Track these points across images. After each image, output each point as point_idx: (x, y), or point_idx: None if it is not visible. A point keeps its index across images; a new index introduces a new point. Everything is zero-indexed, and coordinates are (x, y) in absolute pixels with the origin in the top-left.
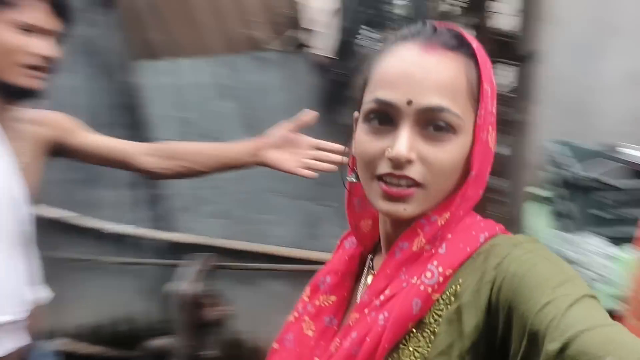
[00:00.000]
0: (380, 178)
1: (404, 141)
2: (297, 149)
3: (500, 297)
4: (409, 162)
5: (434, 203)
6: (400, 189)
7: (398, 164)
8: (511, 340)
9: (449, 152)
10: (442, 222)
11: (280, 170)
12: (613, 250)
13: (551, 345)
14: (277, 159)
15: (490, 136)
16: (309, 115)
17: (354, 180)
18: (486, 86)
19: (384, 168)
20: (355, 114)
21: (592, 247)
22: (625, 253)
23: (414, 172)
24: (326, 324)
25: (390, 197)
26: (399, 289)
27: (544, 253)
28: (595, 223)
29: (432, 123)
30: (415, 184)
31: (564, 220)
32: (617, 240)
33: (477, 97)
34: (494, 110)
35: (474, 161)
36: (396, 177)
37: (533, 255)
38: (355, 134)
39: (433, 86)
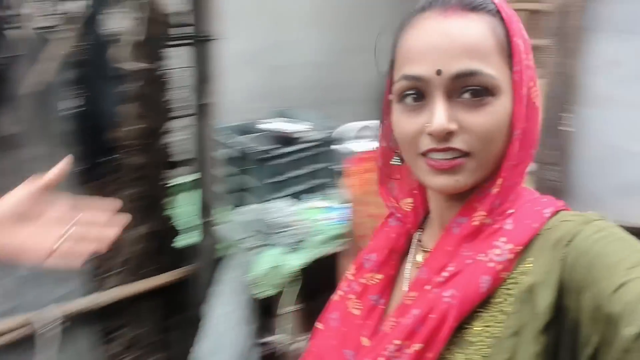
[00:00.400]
0: (424, 155)
1: (441, 113)
2: (50, 221)
3: (573, 277)
4: (451, 133)
5: (486, 172)
6: (448, 161)
7: (440, 137)
8: (582, 322)
9: (490, 116)
10: (497, 190)
11: (23, 261)
12: (304, 205)
13: (628, 330)
14: (16, 245)
15: (533, 92)
16: (64, 164)
17: (399, 163)
18: (517, 40)
19: (426, 144)
20: (390, 96)
21: (285, 208)
22: (315, 202)
23: (459, 142)
24: (373, 302)
25: (439, 171)
26: (464, 266)
27: (616, 232)
28: (274, 189)
29: (466, 89)
30: (462, 154)
31: (245, 194)
32: (296, 196)
33: (509, 54)
34: (532, 64)
35: (515, 120)
36: (441, 151)
37: (605, 234)
38: (392, 116)
39: (460, 51)
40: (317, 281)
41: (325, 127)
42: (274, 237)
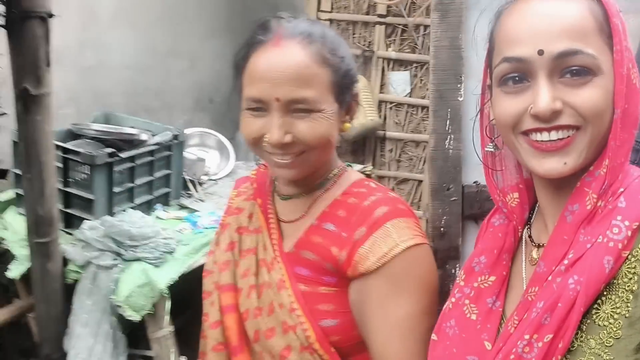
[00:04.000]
0: (526, 134)
1: (545, 93)
2: None
3: None
4: (556, 113)
5: (592, 154)
6: (555, 142)
7: (545, 118)
8: None
9: (593, 93)
10: (604, 171)
11: None
12: (160, 214)
13: None
14: None
15: (632, 73)
16: None
17: (492, 150)
18: (615, 20)
19: (529, 124)
20: (487, 81)
21: (138, 220)
22: (171, 212)
23: (566, 118)
24: (489, 305)
25: (545, 153)
26: (584, 250)
27: None
28: (122, 199)
29: (568, 69)
30: (570, 127)
31: (90, 205)
32: (148, 206)
33: (609, 34)
34: (630, 46)
35: (616, 99)
36: (547, 131)
37: None
38: (492, 101)
39: (560, 31)
40: (184, 297)
41: (163, 132)
42: (133, 253)
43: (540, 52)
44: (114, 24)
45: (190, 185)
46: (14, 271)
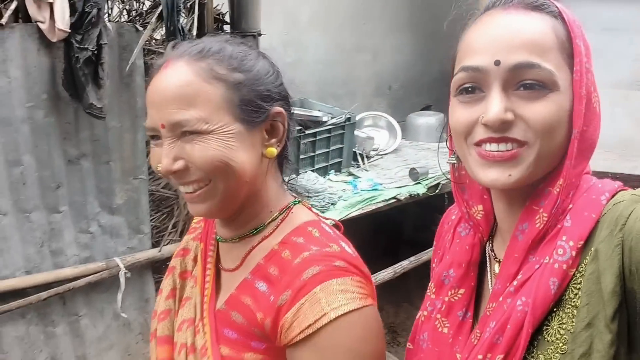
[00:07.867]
0: (478, 145)
1: (497, 103)
2: None
3: (633, 259)
4: (507, 124)
5: (542, 169)
6: (502, 153)
7: (495, 127)
8: None
9: (547, 108)
10: (557, 191)
11: None
12: (330, 177)
13: None
14: None
15: (593, 97)
16: None
17: (455, 162)
18: (578, 42)
19: (480, 134)
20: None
21: (315, 178)
22: (340, 176)
23: (516, 132)
24: (460, 318)
25: (491, 163)
26: (532, 271)
27: None
28: (306, 163)
29: (523, 82)
30: (519, 143)
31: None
32: (324, 170)
33: (570, 54)
34: (592, 70)
35: (575, 119)
36: (495, 141)
37: None
38: (449, 110)
39: (520, 43)
40: None
41: (340, 115)
42: (309, 200)
43: (497, 63)
44: (309, 27)
45: (359, 158)
46: None
